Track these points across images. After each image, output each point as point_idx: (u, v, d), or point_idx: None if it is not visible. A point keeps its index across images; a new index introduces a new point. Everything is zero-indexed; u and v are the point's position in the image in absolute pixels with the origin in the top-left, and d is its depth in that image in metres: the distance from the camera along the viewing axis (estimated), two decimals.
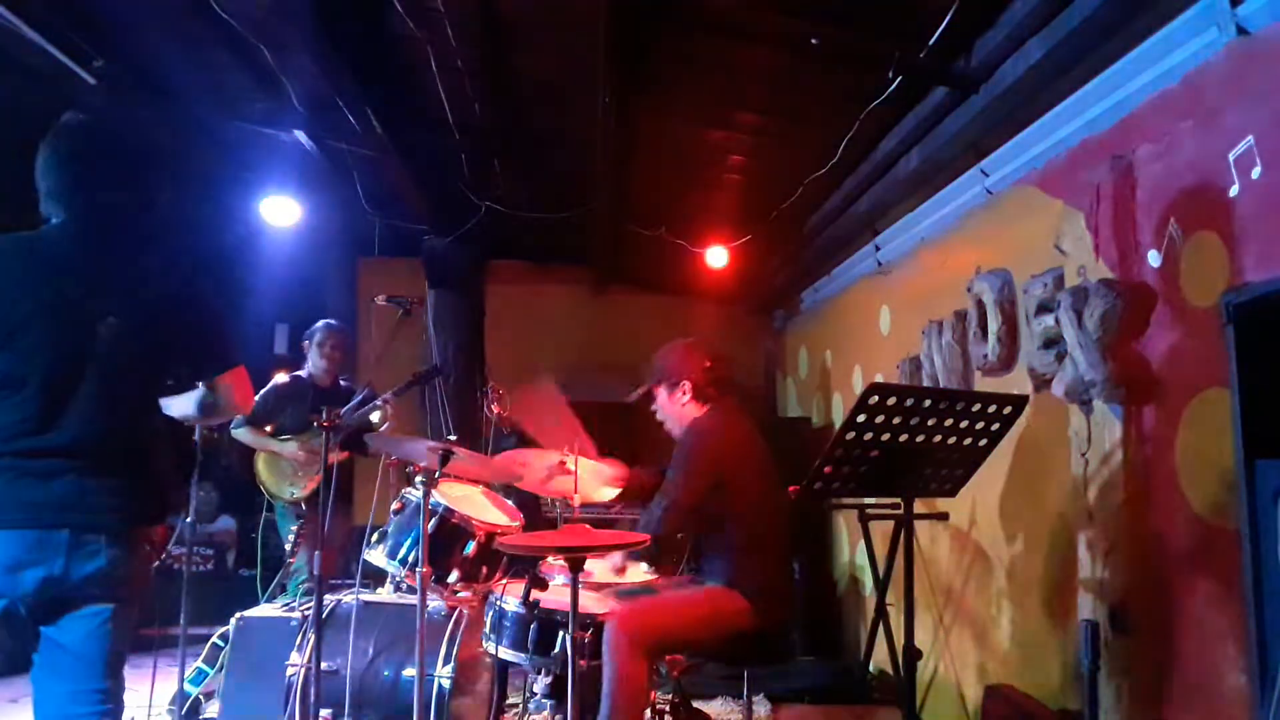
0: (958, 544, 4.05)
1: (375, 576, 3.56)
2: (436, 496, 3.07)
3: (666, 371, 3.12)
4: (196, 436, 2.29)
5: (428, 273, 6.25)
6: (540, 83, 4.50)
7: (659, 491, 2.96)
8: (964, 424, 2.40)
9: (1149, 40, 2.63)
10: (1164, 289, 2.63)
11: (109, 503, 2.00)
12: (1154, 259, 2.67)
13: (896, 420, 2.32)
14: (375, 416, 4.45)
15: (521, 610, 2.80)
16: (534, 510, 5.18)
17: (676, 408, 3.12)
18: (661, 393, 3.13)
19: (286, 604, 3.60)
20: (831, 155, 4.15)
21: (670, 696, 3.43)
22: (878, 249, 4.99)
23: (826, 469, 2.39)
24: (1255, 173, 2.26)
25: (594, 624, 2.79)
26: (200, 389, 2.23)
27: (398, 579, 3.39)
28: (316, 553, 2.88)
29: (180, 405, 2.27)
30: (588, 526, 2.37)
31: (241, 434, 4.58)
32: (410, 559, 3.13)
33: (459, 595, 3.30)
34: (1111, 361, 2.73)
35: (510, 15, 3.87)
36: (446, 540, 3.17)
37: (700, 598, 2.91)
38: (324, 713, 2.93)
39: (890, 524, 4.16)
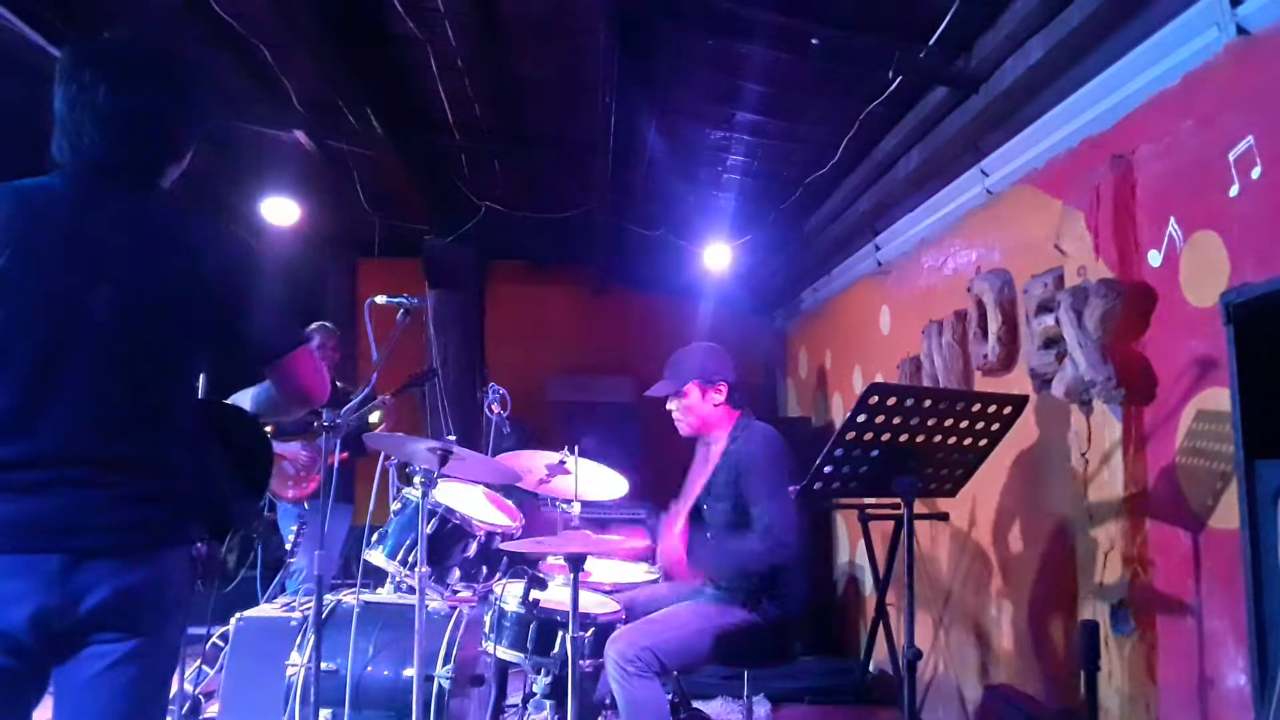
0: (958, 544, 4.05)
1: (375, 576, 3.56)
2: (436, 497, 3.07)
3: (706, 370, 3.08)
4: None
5: (428, 273, 6.25)
6: (540, 82, 4.50)
7: (753, 512, 2.86)
8: (964, 424, 2.39)
9: (1149, 40, 2.63)
10: (1164, 289, 2.63)
11: (120, 519, 1.54)
12: (1154, 259, 2.67)
13: (896, 420, 2.31)
14: (374, 417, 4.46)
15: (521, 610, 2.80)
16: (534, 510, 5.18)
17: (708, 407, 3.08)
18: (694, 391, 3.10)
19: (286, 604, 3.60)
20: (831, 155, 4.15)
21: (670, 696, 3.43)
22: (878, 249, 4.99)
23: (826, 469, 2.39)
24: (1255, 173, 2.26)
25: (594, 624, 2.79)
26: (262, 385, 1.85)
27: (398, 579, 3.39)
28: (316, 553, 2.88)
29: (242, 401, 1.91)
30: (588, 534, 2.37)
31: None
32: (410, 559, 3.13)
33: (459, 595, 3.30)
34: (1111, 361, 2.73)
35: (510, 15, 3.87)
36: (446, 540, 3.18)
37: (709, 611, 2.89)
38: (324, 713, 2.93)
39: (890, 524, 4.20)
